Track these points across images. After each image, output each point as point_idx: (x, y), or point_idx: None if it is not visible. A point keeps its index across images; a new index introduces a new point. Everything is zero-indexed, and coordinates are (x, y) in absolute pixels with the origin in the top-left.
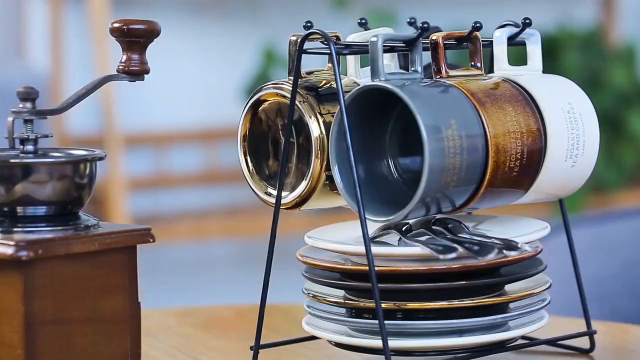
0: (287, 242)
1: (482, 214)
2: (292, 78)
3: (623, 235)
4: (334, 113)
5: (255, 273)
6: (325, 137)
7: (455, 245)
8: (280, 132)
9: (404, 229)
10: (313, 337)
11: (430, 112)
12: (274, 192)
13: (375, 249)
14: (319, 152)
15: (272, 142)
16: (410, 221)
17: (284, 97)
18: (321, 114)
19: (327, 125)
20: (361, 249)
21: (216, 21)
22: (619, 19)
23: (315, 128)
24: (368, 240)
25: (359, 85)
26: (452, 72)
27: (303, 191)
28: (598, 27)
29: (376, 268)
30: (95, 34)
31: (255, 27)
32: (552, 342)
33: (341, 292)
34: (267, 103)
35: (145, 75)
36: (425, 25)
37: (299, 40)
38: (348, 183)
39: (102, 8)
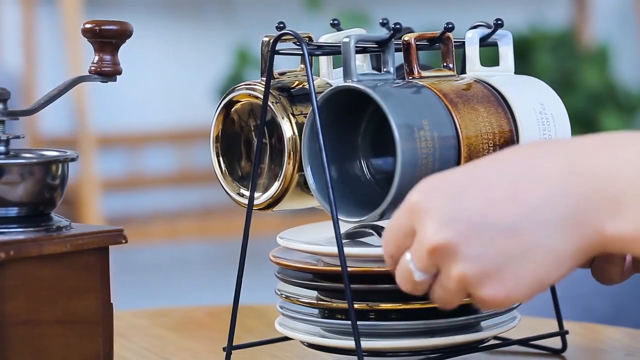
0: (260, 243)
1: None
2: (264, 79)
3: None
4: (307, 114)
5: (229, 274)
6: (297, 137)
7: None
8: (253, 132)
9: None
10: (286, 338)
11: (402, 112)
12: (247, 193)
13: (347, 250)
14: (292, 153)
15: (244, 143)
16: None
17: (257, 97)
18: (294, 115)
19: (300, 126)
20: (333, 249)
21: (189, 22)
22: (592, 20)
23: (287, 129)
24: (340, 241)
25: (332, 86)
26: (424, 73)
27: (276, 192)
28: (571, 28)
29: (349, 269)
30: (67, 34)
31: (228, 27)
32: (524, 342)
33: (314, 293)
34: (239, 104)
35: (118, 76)
36: (398, 26)
37: (271, 41)
38: (321, 184)
39: (74, 9)
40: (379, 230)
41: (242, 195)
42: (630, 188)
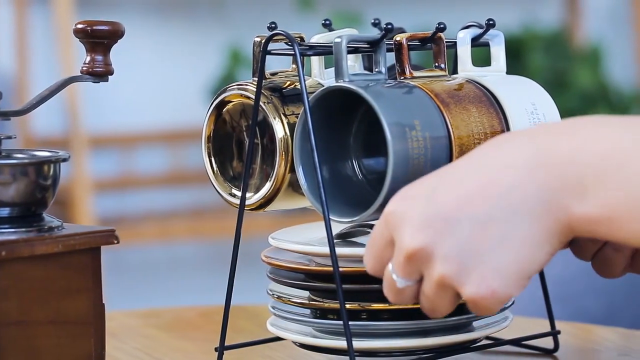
0: (252, 243)
1: None
2: (256, 79)
3: None
4: (299, 114)
5: (221, 274)
6: (289, 138)
7: None
8: (245, 133)
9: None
10: (278, 338)
11: (393, 112)
12: (239, 193)
13: (340, 250)
14: (284, 153)
15: (236, 143)
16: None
17: (248, 98)
18: (285, 115)
19: (292, 126)
20: (325, 249)
21: (181, 22)
22: (584, 20)
23: (279, 129)
24: (332, 241)
25: (324, 86)
26: (416, 73)
27: (267, 192)
28: (563, 28)
29: (340, 269)
30: (60, 35)
31: (220, 27)
32: (516, 342)
33: (306, 293)
34: (231, 104)
35: (110, 76)
36: (389, 27)
37: (263, 41)
38: (312, 184)
39: (66, 9)
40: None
41: (234, 196)
42: (591, 171)
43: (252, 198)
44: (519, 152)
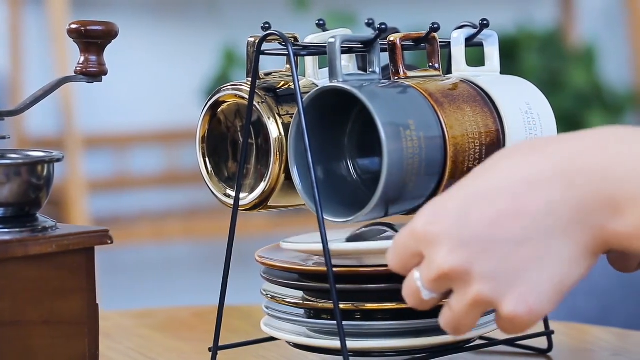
0: (246, 243)
1: None
2: (250, 79)
3: None
4: (293, 114)
5: (215, 274)
6: (284, 138)
7: None
8: (239, 133)
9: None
10: (272, 338)
11: (388, 112)
12: (233, 194)
13: (354, 245)
14: (278, 153)
15: (231, 143)
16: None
17: (243, 98)
18: (280, 115)
19: (286, 126)
20: (344, 246)
21: (176, 22)
22: (579, 20)
23: (274, 129)
24: (326, 241)
25: (318, 86)
26: (410, 73)
27: (262, 192)
28: (557, 28)
29: (335, 269)
30: (54, 35)
31: (215, 28)
32: (510, 342)
33: (299, 293)
34: (226, 104)
35: (105, 77)
36: (383, 27)
37: (256, 41)
38: (307, 184)
39: (61, 9)
40: (393, 227)
41: (229, 196)
42: (624, 187)
43: (247, 198)
44: (548, 170)
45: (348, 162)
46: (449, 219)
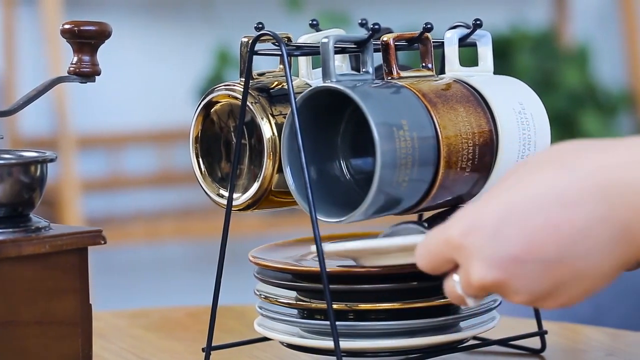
0: (240, 243)
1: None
2: (243, 79)
3: None
4: (286, 114)
5: (209, 274)
6: (277, 138)
7: None
8: (232, 133)
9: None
10: (265, 339)
11: (381, 112)
12: (226, 194)
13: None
14: (271, 153)
15: (224, 143)
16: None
17: (236, 98)
18: (273, 115)
19: (279, 127)
20: (377, 243)
21: (169, 22)
22: (572, 20)
23: (267, 129)
24: (319, 242)
25: (311, 86)
26: (403, 73)
27: (255, 192)
28: (551, 28)
29: (328, 269)
30: (47, 35)
31: (208, 28)
32: (503, 342)
33: (293, 293)
34: (219, 104)
35: (99, 77)
36: (377, 27)
37: (250, 41)
38: (300, 184)
39: (54, 9)
40: (422, 227)
41: (222, 196)
42: None
43: (240, 198)
44: (584, 188)
45: (341, 162)
46: (485, 232)
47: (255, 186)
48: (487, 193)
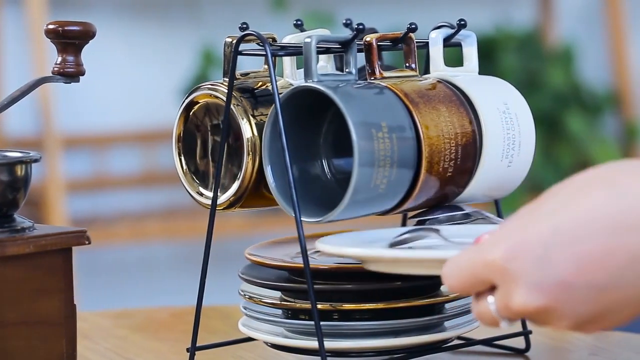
0: (225, 244)
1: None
2: (227, 79)
3: None
4: (267, 115)
5: (194, 274)
6: (257, 138)
7: None
8: (210, 132)
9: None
10: (249, 339)
11: (360, 113)
12: (206, 192)
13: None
14: (251, 153)
15: (204, 143)
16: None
17: (218, 98)
18: (254, 116)
19: (260, 127)
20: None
21: (154, 22)
22: (557, 20)
23: (247, 129)
24: (303, 242)
25: (294, 86)
26: (386, 74)
27: (236, 191)
28: (536, 28)
29: (311, 265)
30: (32, 35)
31: (193, 27)
32: (487, 342)
33: (277, 294)
34: (201, 104)
35: (83, 77)
36: (361, 27)
37: (234, 41)
38: (280, 183)
39: (39, 9)
40: (439, 232)
41: (201, 195)
42: None
43: (220, 198)
44: (634, 214)
45: (323, 161)
46: (531, 257)
47: (235, 185)
48: (527, 213)
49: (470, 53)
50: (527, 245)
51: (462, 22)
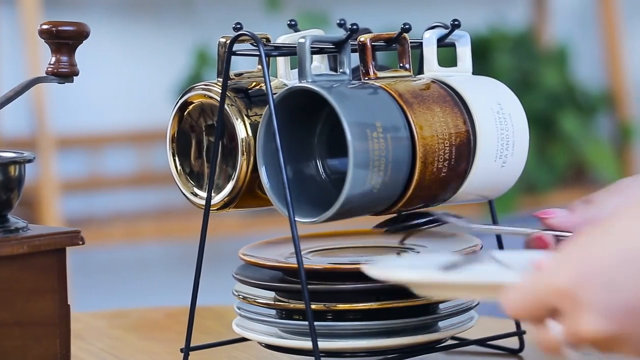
0: (219, 244)
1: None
2: (221, 80)
3: None
4: (262, 115)
5: (189, 274)
6: (252, 139)
7: None
8: (204, 133)
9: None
10: (243, 339)
11: (355, 113)
12: (200, 193)
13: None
14: (246, 153)
15: (198, 143)
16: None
17: (212, 98)
18: (248, 116)
19: (254, 127)
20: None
21: (148, 22)
22: (551, 21)
23: (241, 130)
24: (297, 242)
25: (288, 86)
26: (380, 74)
27: (230, 192)
28: (530, 29)
29: (305, 266)
30: (26, 35)
31: (188, 28)
32: (481, 342)
33: (271, 294)
34: (195, 104)
35: (78, 77)
36: (354, 27)
37: (228, 42)
38: (275, 184)
39: (33, 9)
40: (497, 259)
41: (196, 195)
42: None
43: (215, 198)
44: None
45: (317, 162)
46: (600, 282)
47: (229, 185)
48: (590, 236)
49: (464, 53)
50: (595, 269)
51: (456, 23)
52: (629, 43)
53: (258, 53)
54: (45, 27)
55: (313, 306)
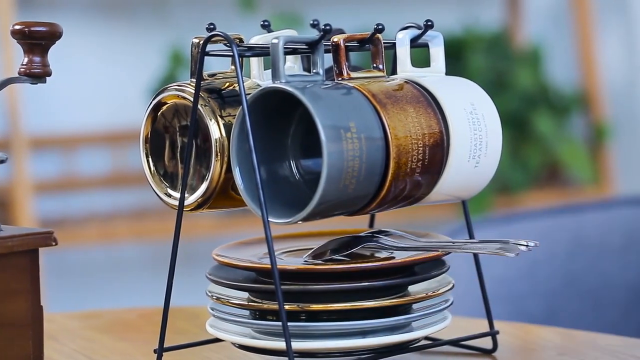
0: (193, 245)
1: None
2: (194, 80)
3: (529, 236)
4: (235, 116)
5: (163, 275)
6: (225, 139)
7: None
8: (178, 133)
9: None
10: (217, 340)
11: (329, 114)
12: (174, 193)
13: None
14: (219, 154)
15: (172, 143)
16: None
17: (185, 99)
18: (222, 117)
19: (228, 127)
20: None
21: (122, 22)
22: (525, 21)
23: (215, 130)
24: (271, 243)
25: (261, 87)
26: (353, 74)
27: (204, 192)
28: (504, 29)
29: (279, 267)
30: (0, 35)
31: (162, 28)
32: (455, 342)
33: (245, 294)
34: (169, 105)
35: (52, 77)
36: (328, 27)
37: (201, 42)
38: (249, 184)
39: (6, 9)
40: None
41: (170, 196)
42: None
43: (189, 199)
44: None
45: (291, 162)
46: None
47: (203, 186)
48: None
49: (437, 53)
50: None
51: (429, 23)
52: (603, 43)
53: (231, 53)
54: (17, 27)
55: (287, 306)
